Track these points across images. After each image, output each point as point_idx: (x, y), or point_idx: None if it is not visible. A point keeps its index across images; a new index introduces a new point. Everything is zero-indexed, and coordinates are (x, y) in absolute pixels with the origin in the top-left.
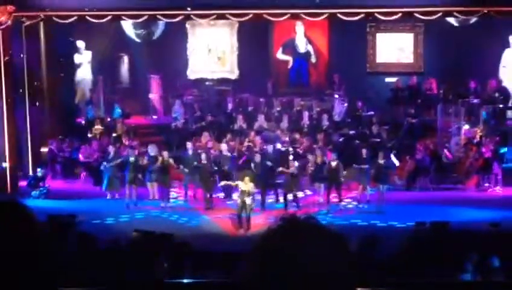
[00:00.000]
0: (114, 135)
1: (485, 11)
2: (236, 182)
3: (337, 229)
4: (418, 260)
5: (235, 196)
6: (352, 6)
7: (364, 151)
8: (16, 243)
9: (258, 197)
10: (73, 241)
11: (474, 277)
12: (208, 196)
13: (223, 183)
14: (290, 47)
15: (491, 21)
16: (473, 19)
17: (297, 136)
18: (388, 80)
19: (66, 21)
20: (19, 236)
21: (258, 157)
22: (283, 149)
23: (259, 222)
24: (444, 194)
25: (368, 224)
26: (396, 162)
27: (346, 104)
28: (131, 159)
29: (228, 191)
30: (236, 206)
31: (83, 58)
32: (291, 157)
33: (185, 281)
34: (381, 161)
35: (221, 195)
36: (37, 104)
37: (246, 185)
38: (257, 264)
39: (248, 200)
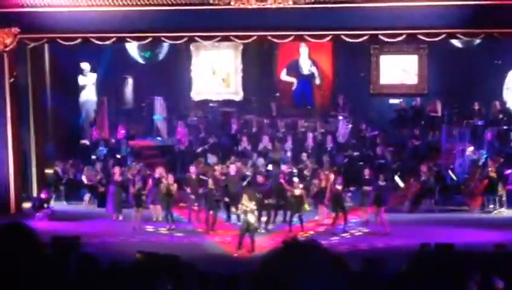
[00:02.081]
0: (118, 156)
1: (489, 33)
2: (241, 206)
3: (341, 251)
4: (422, 281)
5: (237, 214)
6: (356, 28)
7: (366, 172)
8: (19, 264)
9: (264, 218)
10: (76, 263)
11: None
12: (212, 219)
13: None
14: (294, 69)
15: (494, 43)
16: (477, 41)
17: (303, 157)
18: (392, 101)
19: (71, 43)
20: (23, 257)
21: (260, 177)
22: (287, 171)
23: (264, 244)
24: (448, 215)
25: (373, 246)
26: (401, 184)
27: (350, 126)
28: (136, 181)
29: (229, 213)
30: (239, 226)
31: (88, 80)
32: (296, 179)
33: None
34: (382, 183)
35: (224, 216)
36: (42, 125)
37: (246, 203)
38: (258, 287)
39: (251, 219)
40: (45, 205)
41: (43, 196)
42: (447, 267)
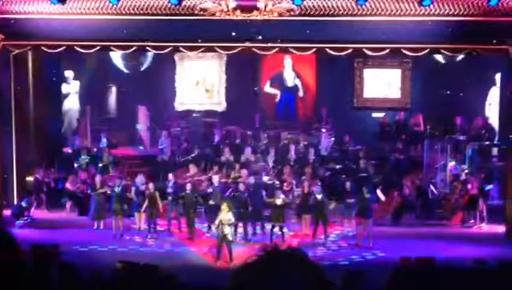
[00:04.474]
0: (100, 165)
1: (472, 49)
2: (219, 218)
3: (322, 263)
4: None
5: (214, 228)
6: (340, 41)
7: (348, 184)
8: (0, 269)
9: (242, 229)
10: (56, 272)
11: None
12: (190, 227)
13: (214, 228)
14: (278, 81)
15: (477, 59)
16: (460, 57)
17: (285, 169)
18: (375, 115)
19: (55, 50)
20: (2, 263)
21: (242, 187)
22: (269, 182)
23: (244, 254)
24: (429, 229)
25: (353, 259)
26: (382, 197)
27: (333, 139)
28: (117, 189)
29: (209, 223)
30: (217, 237)
31: (71, 88)
32: (277, 190)
33: None
34: (366, 196)
35: (205, 226)
36: (24, 133)
37: (224, 214)
38: None
39: (227, 230)
40: (25, 213)
41: (23, 204)
42: (428, 281)
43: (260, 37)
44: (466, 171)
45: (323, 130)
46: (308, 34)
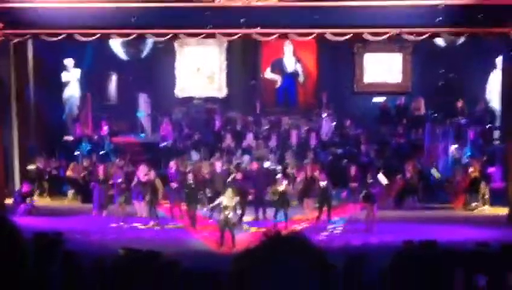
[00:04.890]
0: (101, 152)
1: (472, 32)
2: (218, 200)
3: (324, 248)
4: (405, 278)
5: (210, 208)
6: (340, 27)
7: (353, 169)
8: (2, 257)
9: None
10: (59, 260)
11: None
12: (192, 214)
13: (210, 206)
14: (278, 66)
15: (478, 42)
16: (461, 40)
17: (286, 155)
18: (376, 99)
19: (55, 39)
20: (4, 251)
21: (243, 173)
22: (271, 168)
23: (246, 240)
24: (431, 213)
25: (356, 243)
26: (384, 181)
27: (333, 124)
28: (119, 178)
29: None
30: (219, 222)
31: (71, 76)
32: (279, 175)
33: None
34: (369, 180)
35: (207, 213)
36: (24, 121)
37: (228, 200)
38: (232, 282)
39: (230, 215)
40: (27, 200)
41: (24, 189)
42: (430, 264)
43: (243, 20)
44: (468, 154)
45: (324, 115)
46: (308, 19)
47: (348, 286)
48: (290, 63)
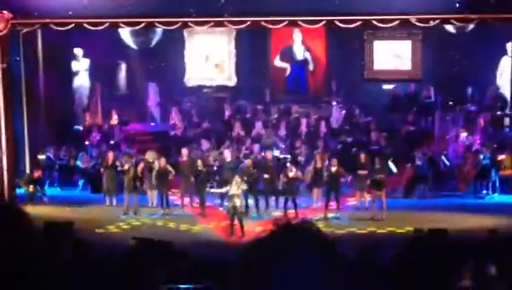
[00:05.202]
0: (112, 142)
1: (483, 18)
2: (226, 188)
3: (335, 236)
4: (415, 266)
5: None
6: (349, 14)
7: (363, 156)
8: (13, 245)
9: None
10: (69, 249)
11: (472, 284)
12: (201, 202)
13: (212, 190)
14: (287, 54)
15: (488, 28)
16: (471, 26)
17: (296, 143)
18: (386, 87)
19: (64, 28)
20: (16, 239)
21: (253, 161)
22: (281, 156)
23: (255, 228)
24: (442, 201)
25: (365, 231)
26: (395, 169)
27: (343, 111)
28: (129, 166)
29: (223, 198)
30: (228, 211)
31: (81, 66)
32: (289, 164)
33: (182, 286)
34: (378, 166)
35: (218, 202)
36: (34, 111)
37: (236, 188)
38: (252, 270)
39: (238, 203)
40: (34, 187)
41: (35, 175)
42: (440, 252)
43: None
44: (478, 141)
45: (334, 103)
46: (316, 7)
47: (358, 276)
48: (299, 51)
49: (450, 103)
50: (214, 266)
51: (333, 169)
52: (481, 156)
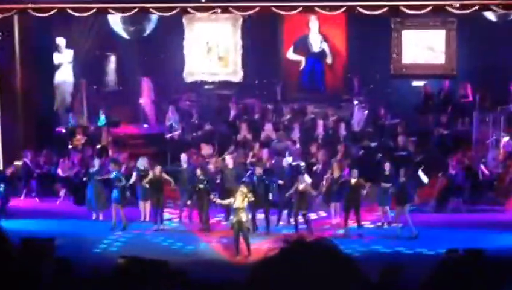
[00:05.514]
0: (98, 146)
1: None
2: (229, 200)
3: (355, 256)
4: None
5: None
6: None
7: (387, 166)
8: None
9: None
10: (50, 269)
11: None
12: (204, 217)
13: (218, 201)
14: (302, 45)
15: None
16: None
17: (312, 148)
18: (416, 83)
19: (44, 15)
20: None
21: (259, 171)
22: (294, 164)
23: (263, 247)
24: (479, 216)
25: (391, 251)
26: (425, 179)
27: (366, 112)
28: (118, 174)
29: (228, 211)
30: (232, 227)
31: (63, 58)
32: (301, 175)
33: None
34: (403, 178)
35: (221, 216)
36: (10, 110)
37: (240, 200)
38: None
39: (243, 217)
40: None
41: (8, 171)
42: (477, 276)
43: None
44: None
45: (356, 102)
46: None
47: None
48: (316, 42)
49: (490, 102)
50: (216, 287)
51: (353, 181)
52: None
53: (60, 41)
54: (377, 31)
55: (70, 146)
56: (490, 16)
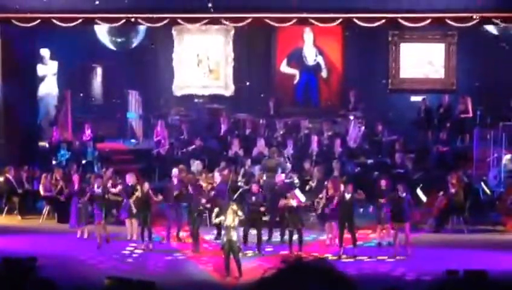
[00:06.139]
0: (83, 162)
1: None
2: (220, 218)
3: (352, 277)
4: None
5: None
6: (371, 11)
7: (383, 183)
8: None
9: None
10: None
11: None
12: (195, 233)
13: (216, 220)
14: (296, 58)
15: None
16: None
17: (306, 165)
18: (414, 98)
19: (28, 25)
20: None
21: (254, 187)
22: (287, 181)
23: (254, 267)
24: (480, 237)
25: (388, 272)
26: (424, 198)
27: (363, 128)
28: (104, 192)
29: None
30: (222, 247)
31: (48, 70)
32: (296, 190)
33: None
34: (402, 195)
35: (212, 235)
36: None
37: (231, 218)
38: None
39: (234, 237)
40: None
41: None
42: None
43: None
44: None
45: (352, 117)
46: (331, 1)
47: None
48: (311, 55)
49: (491, 118)
50: None
51: (347, 196)
52: None
53: (44, 52)
54: (374, 44)
55: (54, 162)
56: (491, 29)
